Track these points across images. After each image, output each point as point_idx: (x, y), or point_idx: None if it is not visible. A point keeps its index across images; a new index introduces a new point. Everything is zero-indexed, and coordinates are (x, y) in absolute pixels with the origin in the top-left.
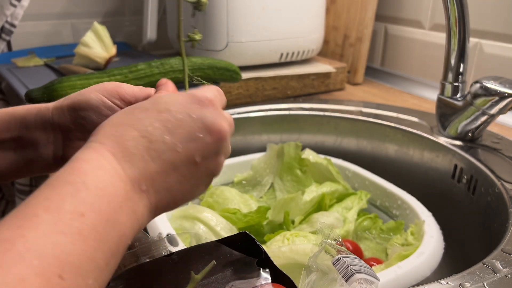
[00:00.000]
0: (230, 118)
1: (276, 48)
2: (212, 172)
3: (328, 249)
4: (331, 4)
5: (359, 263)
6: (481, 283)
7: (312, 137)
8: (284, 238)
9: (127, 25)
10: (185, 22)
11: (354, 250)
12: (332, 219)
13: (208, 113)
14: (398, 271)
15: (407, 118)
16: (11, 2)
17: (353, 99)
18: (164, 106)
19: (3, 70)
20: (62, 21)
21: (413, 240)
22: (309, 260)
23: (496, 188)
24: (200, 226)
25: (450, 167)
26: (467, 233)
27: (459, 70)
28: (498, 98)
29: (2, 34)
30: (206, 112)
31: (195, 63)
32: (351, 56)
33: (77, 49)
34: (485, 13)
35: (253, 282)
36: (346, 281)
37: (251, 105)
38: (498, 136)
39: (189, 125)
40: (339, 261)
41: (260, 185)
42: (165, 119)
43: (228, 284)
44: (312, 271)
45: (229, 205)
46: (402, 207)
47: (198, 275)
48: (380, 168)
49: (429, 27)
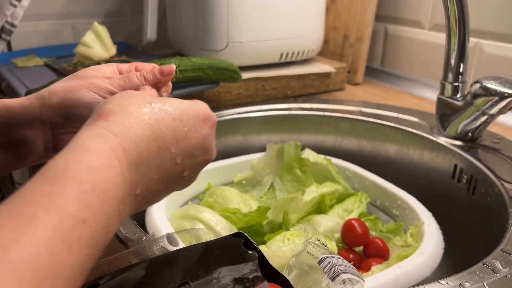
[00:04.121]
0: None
1: (276, 48)
2: (188, 184)
3: (311, 249)
4: (331, 4)
5: (344, 263)
6: (481, 283)
7: (312, 137)
8: (284, 238)
9: (127, 25)
10: (185, 22)
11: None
12: (334, 224)
13: (210, 134)
14: (398, 271)
15: (407, 118)
16: (11, 2)
17: (353, 99)
18: (178, 113)
19: (3, 70)
20: (62, 21)
21: (412, 242)
22: (291, 259)
23: (496, 188)
24: (200, 226)
25: (450, 167)
26: (467, 233)
27: (459, 70)
28: (498, 98)
29: (2, 34)
30: (209, 133)
31: (195, 63)
32: (351, 56)
33: (77, 49)
34: (485, 13)
35: (241, 268)
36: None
37: (251, 105)
38: (498, 136)
39: (192, 141)
40: (324, 260)
41: (260, 185)
42: (176, 128)
43: (215, 271)
44: (294, 269)
45: (229, 205)
46: (402, 207)
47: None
48: (380, 168)
49: (429, 27)
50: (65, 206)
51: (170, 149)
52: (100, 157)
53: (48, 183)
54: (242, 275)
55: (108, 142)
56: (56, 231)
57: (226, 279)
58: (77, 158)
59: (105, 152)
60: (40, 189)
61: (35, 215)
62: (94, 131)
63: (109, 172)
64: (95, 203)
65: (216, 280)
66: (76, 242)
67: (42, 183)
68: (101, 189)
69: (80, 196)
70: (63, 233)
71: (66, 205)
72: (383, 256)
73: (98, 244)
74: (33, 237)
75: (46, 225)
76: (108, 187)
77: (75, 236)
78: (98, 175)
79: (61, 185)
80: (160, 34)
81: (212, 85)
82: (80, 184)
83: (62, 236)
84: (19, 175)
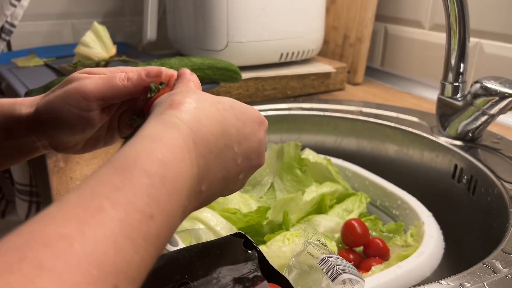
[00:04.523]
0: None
1: (276, 48)
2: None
3: (311, 249)
4: (331, 4)
5: (344, 263)
6: (481, 283)
7: (312, 137)
8: (284, 238)
9: (127, 25)
10: (185, 22)
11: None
12: (334, 225)
13: (264, 139)
14: (398, 271)
15: (407, 118)
16: (11, 2)
17: (353, 99)
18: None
19: (3, 70)
20: (62, 21)
21: (412, 242)
22: (291, 259)
23: (496, 188)
24: (200, 226)
25: (450, 167)
26: (467, 233)
27: (459, 70)
28: (498, 98)
29: (2, 34)
30: (263, 137)
31: (195, 63)
32: (351, 56)
33: (77, 49)
34: (485, 13)
35: (241, 268)
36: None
37: (251, 105)
38: (498, 136)
39: (251, 143)
40: (324, 260)
41: (260, 185)
42: (239, 128)
43: (215, 271)
44: (294, 269)
45: (229, 205)
46: (402, 207)
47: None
48: (380, 168)
49: (429, 27)
50: (134, 200)
51: (234, 148)
52: (173, 149)
53: (118, 175)
54: (242, 275)
55: (181, 134)
56: (122, 226)
57: (226, 279)
58: (149, 149)
59: (178, 145)
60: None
61: (102, 208)
62: (167, 120)
63: (179, 166)
64: (163, 198)
65: (216, 280)
66: (142, 240)
67: (112, 173)
68: (170, 183)
69: (150, 190)
70: (130, 229)
71: (135, 198)
72: (383, 256)
73: (163, 242)
74: (99, 230)
75: (113, 219)
76: (177, 182)
77: (142, 233)
78: (169, 168)
79: (131, 176)
80: (160, 34)
81: (212, 85)
82: (150, 176)
83: (128, 232)
84: (19, 175)
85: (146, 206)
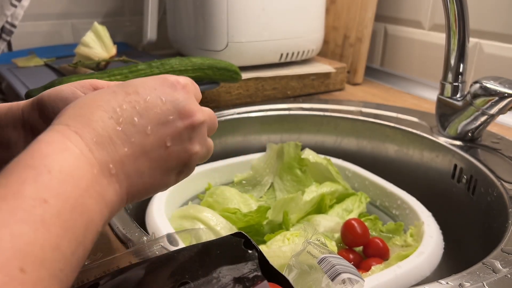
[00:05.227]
0: (209, 111)
1: (276, 48)
2: (184, 162)
3: (311, 249)
4: (331, 4)
5: (344, 263)
6: (481, 283)
7: (312, 137)
8: (284, 238)
9: (127, 25)
10: (185, 22)
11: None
12: (333, 224)
13: (180, 97)
14: (398, 271)
15: (407, 118)
16: (11, 2)
17: (353, 99)
18: (133, 88)
19: (4, 70)
20: (62, 21)
21: (412, 242)
22: (291, 259)
23: (496, 188)
24: (200, 226)
25: (450, 167)
26: (467, 233)
27: (459, 70)
28: (498, 98)
29: (3, 34)
30: (178, 96)
31: (195, 63)
32: (351, 56)
33: (77, 49)
34: (485, 13)
35: (241, 268)
36: (332, 281)
37: (251, 105)
38: (498, 136)
39: (159, 108)
40: (324, 260)
41: (260, 185)
42: (133, 101)
43: (215, 271)
44: (294, 269)
45: (229, 205)
46: (402, 207)
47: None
48: (380, 168)
49: (429, 27)
50: (22, 190)
51: (133, 121)
52: (52, 144)
53: (3, 176)
54: (242, 274)
55: (59, 132)
56: (15, 214)
57: (226, 279)
58: (30, 150)
59: (56, 139)
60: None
61: None
62: (49, 129)
63: (63, 154)
64: (54, 183)
65: (216, 279)
66: (39, 222)
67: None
68: (58, 170)
69: (36, 178)
70: (23, 214)
71: (23, 188)
72: (383, 256)
73: (72, 224)
74: None
75: (4, 210)
76: (67, 168)
77: (37, 216)
78: (51, 158)
79: (16, 173)
80: (160, 34)
81: (212, 85)
82: (34, 168)
83: (22, 217)
84: None
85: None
